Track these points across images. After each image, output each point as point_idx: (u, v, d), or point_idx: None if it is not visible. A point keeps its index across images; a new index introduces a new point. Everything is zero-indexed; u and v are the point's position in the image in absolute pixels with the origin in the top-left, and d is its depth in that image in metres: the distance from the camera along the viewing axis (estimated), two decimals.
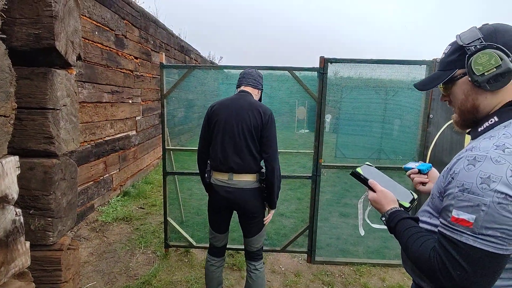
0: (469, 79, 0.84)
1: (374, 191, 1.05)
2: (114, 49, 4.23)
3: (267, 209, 2.14)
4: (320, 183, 2.97)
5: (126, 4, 4.54)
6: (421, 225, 0.93)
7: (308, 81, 2.89)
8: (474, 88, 0.85)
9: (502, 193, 0.68)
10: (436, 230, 0.85)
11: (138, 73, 5.10)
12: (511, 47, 0.80)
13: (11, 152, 0.84)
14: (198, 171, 2.13)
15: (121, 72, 4.49)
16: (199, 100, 3.75)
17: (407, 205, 1.02)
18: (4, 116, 0.81)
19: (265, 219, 2.12)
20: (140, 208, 4.30)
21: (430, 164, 1.17)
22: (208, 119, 2.04)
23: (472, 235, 0.71)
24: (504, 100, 0.83)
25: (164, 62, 2.87)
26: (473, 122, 0.90)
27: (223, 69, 2.97)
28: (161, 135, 6.68)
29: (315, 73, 2.86)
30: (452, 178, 0.77)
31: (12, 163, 0.82)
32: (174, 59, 6.44)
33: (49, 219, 1.08)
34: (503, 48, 0.80)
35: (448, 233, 0.76)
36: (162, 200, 4.54)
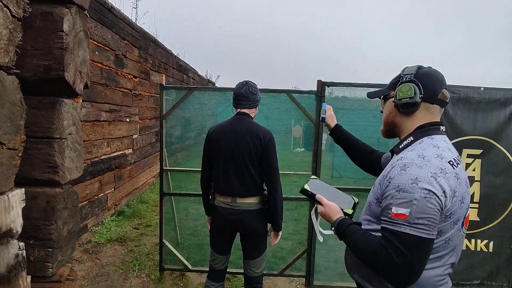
0: (393, 99, 1.08)
1: (321, 204, 1.19)
2: (113, 68, 4.27)
3: (271, 232, 2.14)
4: None
5: (127, 25, 4.61)
6: None
7: (305, 99, 2.93)
8: (395, 108, 1.09)
9: (426, 189, 0.86)
10: (375, 234, 1.00)
11: (136, 92, 5.13)
12: (426, 89, 1.01)
13: (15, 182, 0.84)
14: (195, 192, 2.13)
15: (120, 91, 4.51)
16: (196, 121, 3.78)
17: (350, 211, 1.18)
18: (13, 149, 0.80)
19: (271, 241, 2.12)
20: (135, 228, 4.23)
21: (324, 117, 1.66)
22: (208, 144, 2.05)
23: (408, 225, 0.87)
24: (417, 124, 1.05)
25: (164, 83, 2.90)
26: (391, 133, 1.16)
27: (221, 91, 3.00)
28: (157, 153, 6.64)
29: (310, 96, 2.91)
30: (389, 182, 0.94)
31: (18, 196, 0.82)
32: (173, 78, 6.50)
33: (49, 249, 1.05)
34: (420, 87, 1.01)
35: (390, 227, 0.91)
36: (157, 220, 4.48)
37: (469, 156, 2.83)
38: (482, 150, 2.81)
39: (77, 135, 1.15)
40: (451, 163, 0.93)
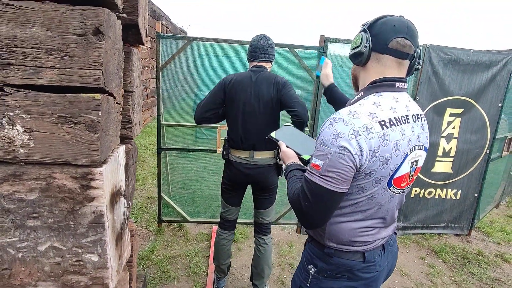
0: None
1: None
2: None
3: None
4: None
5: None
6: None
7: (306, 55, 2.91)
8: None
9: (342, 146, 0.88)
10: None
11: None
12: (376, 38, 0.97)
13: None
14: (193, 148, 2.09)
15: None
16: (182, 73, 3.60)
17: (308, 157, 1.21)
18: (118, 104, 0.76)
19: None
20: None
21: (319, 74, 1.62)
22: (222, 90, 1.97)
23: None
24: (371, 78, 1.02)
25: (160, 31, 2.69)
26: (356, 86, 1.12)
27: (224, 43, 2.86)
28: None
29: (309, 52, 2.89)
30: (319, 135, 0.96)
31: (122, 153, 0.80)
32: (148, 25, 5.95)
33: None
34: (369, 35, 0.98)
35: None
36: (143, 175, 4.43)
37: (451, 115, 3.09)
38: (463, 110, 3.07)
39: (140, 88, 1.08)
40: (383, 123, 0.91)
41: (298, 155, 1.22)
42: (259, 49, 1.97)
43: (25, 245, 0.75)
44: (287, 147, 1.25)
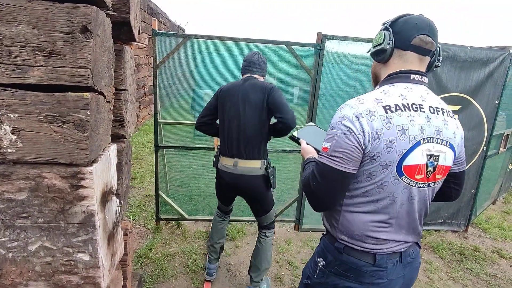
0: None
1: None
2: None
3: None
4: None
5: None
6: None
7: (303, 53, 2.90)
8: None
9: (346, 126, 0.93)
10: None
11: None
12: (398, 35, 1.00)
13: None
14: (191, 145, 2.14)
15: None
16: (180, 71, 3.59)
17: None
18: (109, 102, 0.76)
19: None
20: None
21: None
22: (216, 99, 2.08)
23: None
24: (389, 72, 1.05)
25: (156, 29, 2.68)
26: (376, 83, 1.14)
27: (222, 40, 2.85)
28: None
29: (307, 49, 2.88)
30: (330, 122, 1.00)
31: (114, 152, 0.79)
32: (144, 22, 5.94)
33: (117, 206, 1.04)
34: (391, 33, 1.01)
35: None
36: (141, 173, 4.43)
37: None
38: (460, 107, 3.07)
39: (133, 86, 1.07)
40: (388, 107, 0.93)
41: (317, 151, 1.25)
42: (253, 63, 2.05)
43: (15, 245, 0.75)
44: (307, 144, 1.30)
